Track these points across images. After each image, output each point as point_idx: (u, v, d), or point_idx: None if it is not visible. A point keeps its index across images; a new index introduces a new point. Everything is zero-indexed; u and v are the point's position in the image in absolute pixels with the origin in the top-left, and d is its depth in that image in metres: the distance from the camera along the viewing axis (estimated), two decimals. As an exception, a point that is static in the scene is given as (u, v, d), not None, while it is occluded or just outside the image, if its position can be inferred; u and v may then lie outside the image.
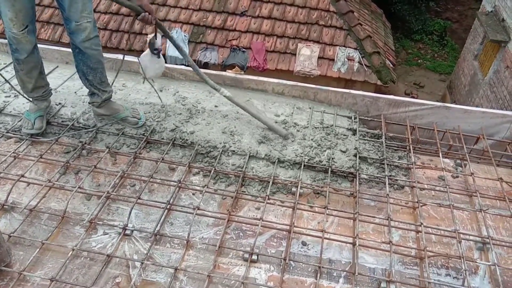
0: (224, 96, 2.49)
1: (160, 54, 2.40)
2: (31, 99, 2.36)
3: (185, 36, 6.70)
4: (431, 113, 2.64)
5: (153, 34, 2.31)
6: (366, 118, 2.70)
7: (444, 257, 1.86)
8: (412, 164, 2.32)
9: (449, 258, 1.85)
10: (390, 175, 2.24)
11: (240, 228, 1.95)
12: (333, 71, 6.50)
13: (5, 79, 2.37)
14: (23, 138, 2.32)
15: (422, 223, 1.94)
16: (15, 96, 2.62)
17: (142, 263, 1.74)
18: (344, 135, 2.49)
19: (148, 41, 2.36)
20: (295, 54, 6.62)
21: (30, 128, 2.29)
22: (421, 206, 2.05)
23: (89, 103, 2.45)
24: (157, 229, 1.87)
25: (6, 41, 3.05)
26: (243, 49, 6.72)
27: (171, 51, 6.67)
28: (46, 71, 2.84)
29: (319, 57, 6.58)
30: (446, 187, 2.18)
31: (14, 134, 2.34)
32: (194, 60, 6.54)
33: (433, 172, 2.33)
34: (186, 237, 1.85)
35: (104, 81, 2.37)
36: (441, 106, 2.64)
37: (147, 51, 2.36)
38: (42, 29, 6.53)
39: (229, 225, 1.95)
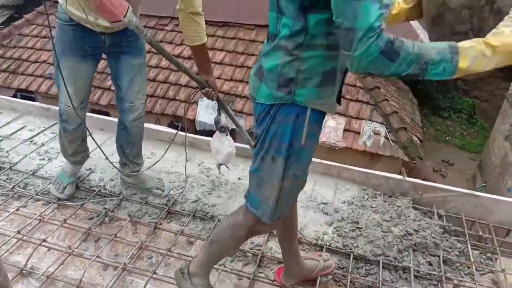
0: None
1: (228, 132, 2.40)
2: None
3: (215, 103, 6.98)
4: (459, 200, 2.55)
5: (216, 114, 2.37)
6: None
7: None
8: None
9: None
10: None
11: (255, 313, 1.86)
12: (359, 144, 6.52)
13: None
14: (50, 201, 2.38)
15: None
16: (48, 159, 2.75)
17: None
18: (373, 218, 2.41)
19: (214, 121, 2.38)
20: (321, 126, 6.72)
21: (61, 192, 2.36)
22: (450, 303, 1.91)
23: (118, 171, 2.52)
24: (169, 308, 1.82)
25: (46, 106, 3.29)
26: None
27: (201, 116, 6.94)
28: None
29: (345, 130, 6.65)
30: (475, 284, 2.03)
31: (43, 196, 2.42)
32: (222, 127, 6.75)
33: (463, 265, 2.20)
34: (198, 319, 1.77)
35: (139, 154, 2.45)
36: (469, 193, 2.56)
37: (216, 133, 2.39)
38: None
39: (244, 309, 1.87)
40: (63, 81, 2.01)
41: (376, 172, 2.64)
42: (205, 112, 7.02)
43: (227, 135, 2.39)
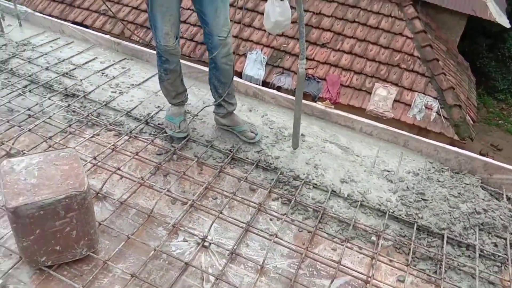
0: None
1: None
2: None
3: (263, 58, 6.85)
4: (529, 185, 2.45)
5: None
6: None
7: None
8: (504, 237, 2.15)
9: None
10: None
11: (315, 266, 1.90)
12: (407, 116, 6.31)
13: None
14: (122, 133, 2.46)
15: (513, 305, 1.78)
16: (120, 93, 2.81)
17: (217, 278, 1.75)
18: (440, 191, 2.35)
19: None
20: (370, 93, 6.52)
21: (178, 130, 2.44)
22: (513, 286, 1.88)
23: (214, 112, 2.56)
24: (234, 248, 1.88)
25: (117, 40, 3.31)
26: (318, 79, 6.74)
27: (248, 69, 6.85)
28: (149, 75, 3.04)
29: (395, 100, 6.42)
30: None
31: (114, 127, 2.50)
32: (268, 82, 6.67)
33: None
34: (261, 263, 1.84)
35: (231, 94, 2.47)
36: (542, 180, 2.45)
37: None
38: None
39: (304, 260, 1.92)
40: (159, 20, 2.03)
41: (446, 146, 2.55)
42: (253, 66, 6.90)
43: (282, 0, 2.04)
